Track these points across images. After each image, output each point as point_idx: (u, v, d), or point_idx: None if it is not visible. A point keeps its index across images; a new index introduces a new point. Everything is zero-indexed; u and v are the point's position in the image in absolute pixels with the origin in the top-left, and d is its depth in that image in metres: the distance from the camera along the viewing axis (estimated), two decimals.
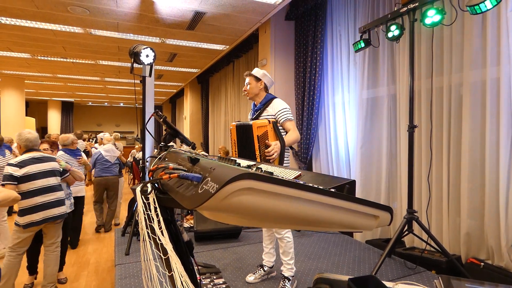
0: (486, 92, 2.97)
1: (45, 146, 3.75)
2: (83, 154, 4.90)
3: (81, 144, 6.63)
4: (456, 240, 3.27)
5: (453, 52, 3.26)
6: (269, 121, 2.59)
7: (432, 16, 2.76)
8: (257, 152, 2.56)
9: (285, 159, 2.67)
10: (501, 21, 2.83)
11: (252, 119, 2.85)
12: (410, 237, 3.60)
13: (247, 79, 2.92)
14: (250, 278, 2.89)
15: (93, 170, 5.57)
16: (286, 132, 2.76)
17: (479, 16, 3.00)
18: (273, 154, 2.50)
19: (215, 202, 0.70)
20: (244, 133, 2.65)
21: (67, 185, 3.74)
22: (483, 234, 3.05)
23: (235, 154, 2.69)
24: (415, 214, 3.07)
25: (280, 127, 2.73)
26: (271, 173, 0.77)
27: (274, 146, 2.51)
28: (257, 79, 2.89)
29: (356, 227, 0.82)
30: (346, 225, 0.80)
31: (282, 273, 2.73)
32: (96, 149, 6.41)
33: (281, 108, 2.77)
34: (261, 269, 2.93)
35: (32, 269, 3.59)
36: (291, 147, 2.89)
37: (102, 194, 5.62)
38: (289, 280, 2.70)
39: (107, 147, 5.73)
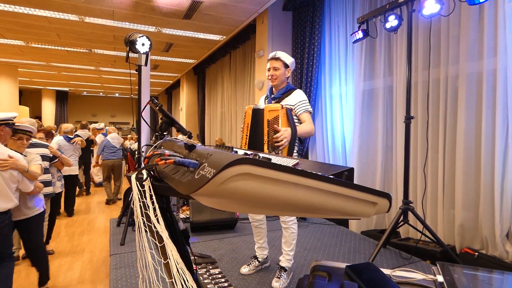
0: (483, 83, 2.97)
1: (41, 135, 4.30)
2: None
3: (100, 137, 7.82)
4: (451, 230, 3.30)
5: (450, 43, 3.25)
6: (282, 106, 2.46)
7: (430, 6, 2.74)
8: (265, 137, 2.42)
9: (294, 152, 2.56)
10: (499, 12, 2.81)
11: None
12: (405, 228, 3.63)
13: (275, 63, 2.69)
14: (245, 269, 2.88)
15: (101, 154, 6.92)
16: (301, 124, 2.65)
17: (476, 7, 2.99)
18: (282, 140, 2.37)
19: (212, 188, 0.68)
20: (257, 117, 2.51)
21: (57, 169, 4.21)
22: (478, 225, 3.07)
23: (246, 138, 2.55)
24: (411, 204, 3.09)
25: (295, 118, 2.63)
26: (269, 159, 0.76)
27: (284, 132, 2.38)
28: (286, 66, 2.72)
29: (354, 214, 0.81)
30: (344, 211, 0.79)
31: (280, 263, 2.72)
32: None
33: (303, 99, 2.65)
34: (256, 260, 2.93)
35: None
36: (301, 141, 2.78)
37: (109, 174, 6.91)
38: (285, 270, 2.69)
39: (113, 135, 7.08)
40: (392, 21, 3.14)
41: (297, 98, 2.66)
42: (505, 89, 2.80)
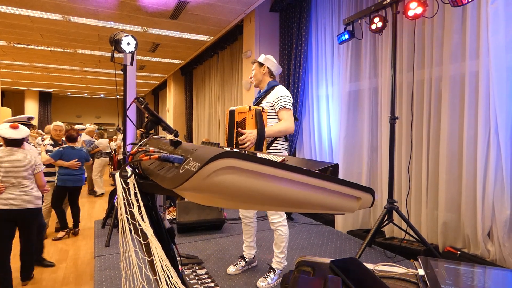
0: (465, 85, 3.03)
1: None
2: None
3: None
4: (434, 229, 3.35)
5: (434, 45, 3.31)
6: (249, 108, 2.51)
7: (414, 8, 2.80)
8: (235, 139, 2.52)
9: (271, 149, 2.63)
10: (481, 14, 2.88)
11: None
12: (390, 228, 3.67)
13: (253, 66, 2.93)
14: (231, 269, 2.88)
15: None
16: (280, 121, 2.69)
17: (460, 10, 3.05)
18: (246, 143, 2.42)
19: (197, 181, 0.68)
20: (231, 118, 2.62)
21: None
22: (460, 224, 3.13)
23: (225, 139, 2.68)
24: (395, 204, 3.13)
25: (275, 115, 2.70)
26: (255, 154, 0.76)
27: (248, 134, 2.43)
28: (260, 64, 2.86)
29: (339, 208, 0.82)
30: (329, 206, 0.80)
31: (271, 264, 2.72)
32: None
33: (280, 95, 2.68)
34: (242, 260, 2.93)
35: None
36: (286, 138, 2.80)
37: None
38: (274, 271, 2.68)
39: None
40: (377, 23, 3.19)
41: (276, 94, 2.70)
42: (487, 91, 2.86)
